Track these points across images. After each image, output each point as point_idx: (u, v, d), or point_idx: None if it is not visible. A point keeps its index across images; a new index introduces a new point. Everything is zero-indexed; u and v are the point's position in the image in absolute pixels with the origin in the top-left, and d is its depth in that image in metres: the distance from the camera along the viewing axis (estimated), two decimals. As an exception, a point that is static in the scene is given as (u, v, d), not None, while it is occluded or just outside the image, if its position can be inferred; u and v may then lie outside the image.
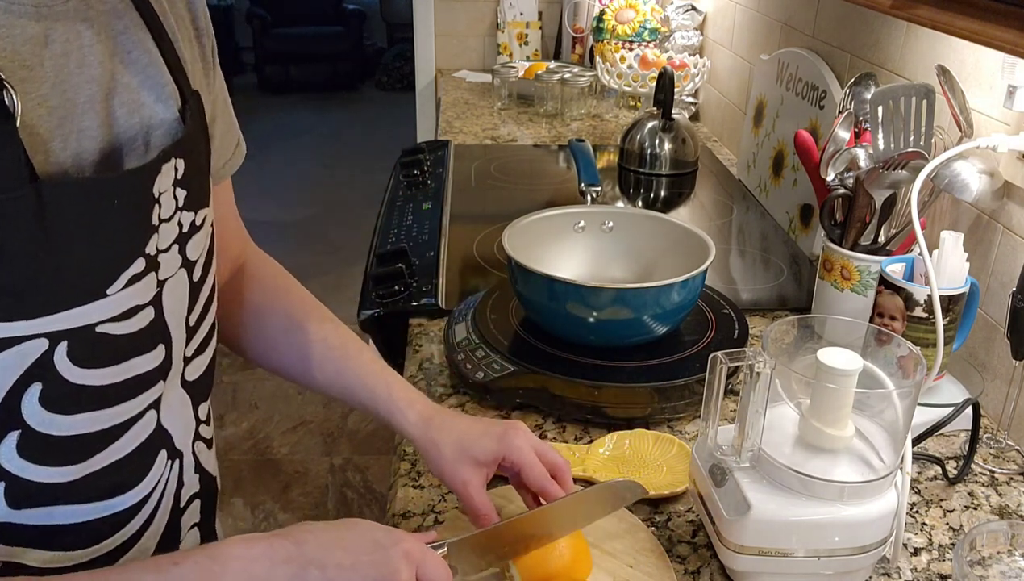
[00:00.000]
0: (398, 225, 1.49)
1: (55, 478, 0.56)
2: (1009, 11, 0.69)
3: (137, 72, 0.60)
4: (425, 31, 2.85)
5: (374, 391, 0.78)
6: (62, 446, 0.56)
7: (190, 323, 0.66)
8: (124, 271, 0.57)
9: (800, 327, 0.78)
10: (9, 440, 0.54)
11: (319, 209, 4.50)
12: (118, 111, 0.57)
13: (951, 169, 0.98)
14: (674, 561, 0.78)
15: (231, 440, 2.63)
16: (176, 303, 0.63)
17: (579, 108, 2.29)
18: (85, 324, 0.55)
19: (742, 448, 0.71)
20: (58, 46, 0.54)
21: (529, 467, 0.72)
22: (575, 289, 0.97)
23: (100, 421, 0.58)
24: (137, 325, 0.59)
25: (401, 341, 1.18)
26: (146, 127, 0.60)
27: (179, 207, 0.62)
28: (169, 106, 0.62)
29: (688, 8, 2.34)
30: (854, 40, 1.40)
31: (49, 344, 0.53)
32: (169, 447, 0.65)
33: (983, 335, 1.03)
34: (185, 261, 0.64)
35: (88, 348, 0.55)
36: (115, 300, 0.56)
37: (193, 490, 0.70)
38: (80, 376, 0.55)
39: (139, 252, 0.58)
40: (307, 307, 0.83)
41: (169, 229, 0.61)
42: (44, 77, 0.53)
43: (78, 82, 0.55)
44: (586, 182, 1.27)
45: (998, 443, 0.96)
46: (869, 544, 0.70)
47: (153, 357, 0.61)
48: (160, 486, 0.65)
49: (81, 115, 0.55)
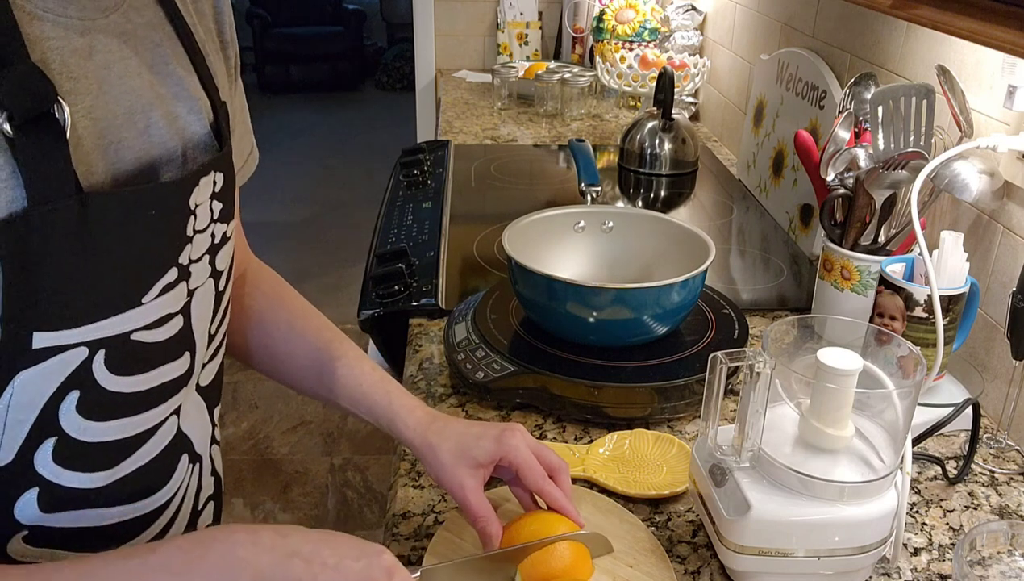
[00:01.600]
0: (398, 225, 1.49)
1: (86, 484, 0.57)
2: (1009, 11, 0.69)
3: (173, 85, 0.60)
4: (425, 31, 2.85)
5: (374, 400, 0.78)
6: (94, 452, 0.57)
7: (211, 331, 0.67)
8: (158, 280, 0.58)
9: (800, 327, 0.78)
10: (45, 447, 0.54)
11: (319, 209, 4.50)
12: (156, 123, 0.58)
13: (951, 169, 0.98)
14: (674, 561, 0.78)
15: (231, 440, 2.63)
16: (203, 312, 0.64)
17: (579, 108, 2.29)
18: (121, 332, 0.56)
19: (742, 448, 0.71)
20: (101, 57, 0.55)
21: (527, 468, 0.72)
22: (575, 289, 0.97)
23: (129, 428, 0.59)
24: (167, 333, 0.60)
25: (401, 341, 1.18)
26: (183, 140, 0.61)
27: (214, 219, 0.63)
28: (202, 119, 0.63)
29: (688, 8, 2.34)
30: (854, 40, 1.40)
31: (89, 352, 0.54)
32: (190, 451, 0.66)
33: (983, 335, 1.03)
34: (214, 271, 0.65)
35: (123, 356, 0.56)
36: (149, 308, 0.57)
37: (209, 492, 0.72)
38: (115, 383, 0.56)
39: (173, 262, 0.59)
40: (307, 317, 0.83)
41: (202, 240, 0.62)
42: (88, 89, 0.54)
43: (118, 94, 0.56)
44: (586, 182, 1.27)
45: (998, 443, 0.96)
46: (869, 544, 0.70)
47: (179, 365, 0.62)
48: (182, 490, 0.66)
49: (121, 127, 0.56)
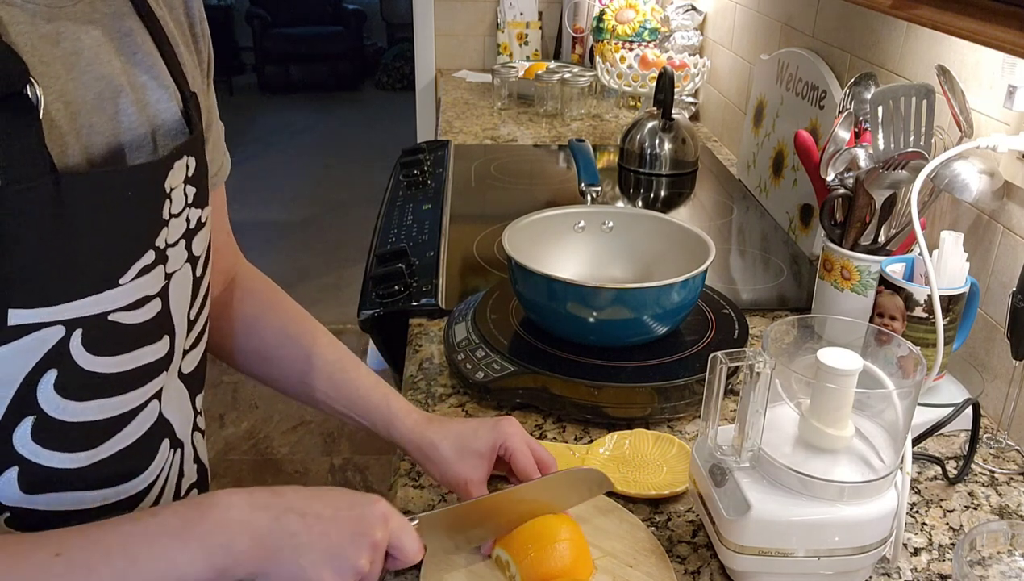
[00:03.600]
0: (398, 225, 1.49)
1: (66, 464, 0.58)
2: (1009, 11, 0.69)
3: (142, 72, 0.62)
4: (425, 31, 2.85)
5: (372, 402, 0.81)
6: (73, 432, 0.58)
7: (191, 317, 0.68)
8: (135, 262, 0.59)
9: (800, 327, 0.78)
10: (24, 425, 0.55)
11: (319, 209, 4.49)
12: (126, 109, 0.59)
13: (951, 169, 0.98)
14: (674, 561, 0.78)
15: (231, 440, 2.63)
16: (181, 296, 0.65)
17: (579, 108, 2.29)
18: (99, 312, 0.57)
19: (742, 448, 0.71)
20: (68, 44, 0.56)
21: (520, 454, 0.77)
22: (575, 289, 0.97)
23: (108, 409, 0.60)
24: (145, 315, 0.61)
25: (401, 341, 1.18)
26: (152, 125, 0.62)
27: (188, 203, 0.65)
28: (172, 106, 0.64)
29: (688, 8, 2.34)
30: (854, 40, 1.40)
31: (65, 331, 0.55)
32: (171, 437, 0.67)
33: (983, 335, 1.03)
34: (191, 256, 0.66)
35: (101, 336, 0.57)
36: (126, 290, 0.58)
37: (192, 479, 0.73)
38: (92, 364, 0.57)
39: (150, 244, 0.60)
40: (301, 322, 0.84)
41: (178, 224, 0.64)
42: (58, 74, 0.55)
43: (88, 80, 0.57)
44: (586, 182, 1.27)
45: (998, 443, 0.96)
46: (869, 544, 0.70)
47: (158, 348, 0.63)
48: (163, 474, 0.67)
49: (91, 112, 0.57)
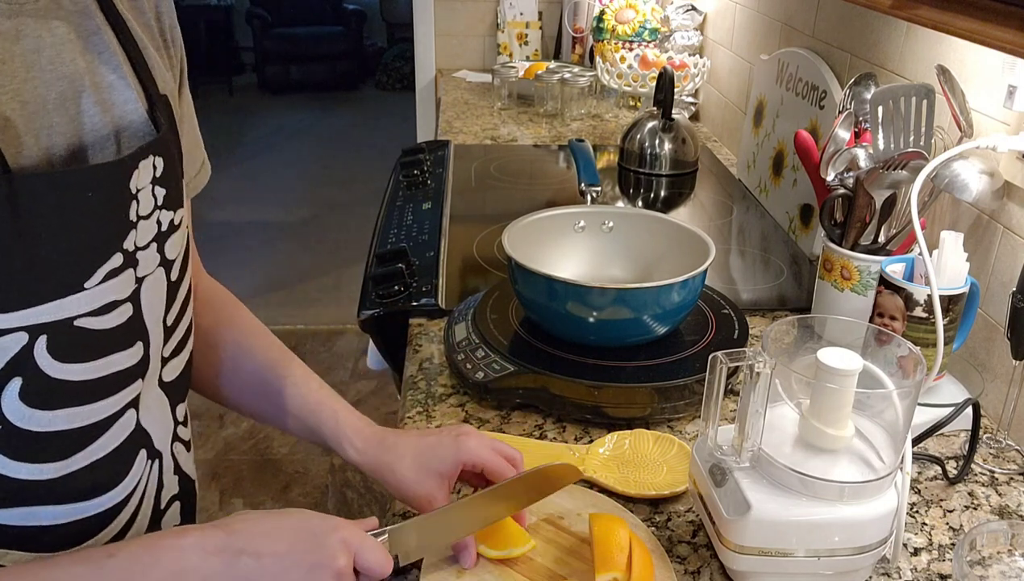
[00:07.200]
0: (398, 225, 1.49)
1: (36, 475, 0.56)
2: (1009, 11, 0.69)
3: (108, 72, 0.60)
4: (425, 31, 2.85)
5: (321, 418, 0.78)
6: (42, 443, 0.56)
7: (167, 323, 0.66)
8: (101, 265, 0.57)
9: (800, 327, 0.78)
10: None
11: (319, 209, 4.49)
12: (88, 110, 0.58)
13: (951, 169, 0.98)
14: (674, 561, 0.78)
15: (231, 440, 2.63)
16: (154, 301, 0.63)
17: (579, 108, 2.29)
18: (63, 318, 0.55)
19: (742, 448, 0.71)
20: (30, 42, 0.54)
21: (492, 464, 0.74)
22: (575, 289, 0.97)
23: (79, 418, 0.58)
24: (115, 321, 0.59)
25: (401, 341, 1.18)
26: (116, 127, 0.60)
27: (158, 205, 0.63)
28: (137, 107, 0.62)
29: (688, 8, 2.34)
30: (854, 40, 1.40)
31: (29, 338, 0.53)
32: (149, 447, 0.66)
33: (983, 335, 1.03)
34: (164, 260, 0.64)
35: (67, 342, 0.56)
36: (93, 294, 0.57)
37: (173, 492, 0.71)
38: (59, 371, 0.56)
39: (116, 247, 0.58)
40: (256, 335, 0.83)
41: (148, 226, 0.62)
42: (15, 72, 0.53)
43: (49, 79, 0.55)
44: (586, 182, 1.27)
45: (998, 443, 0.96)
46: (869, 544, 0.70)
47: (131, 354, 0.61)
48: (140, 487, 0.65)
49: (52, 111, 0.55)
